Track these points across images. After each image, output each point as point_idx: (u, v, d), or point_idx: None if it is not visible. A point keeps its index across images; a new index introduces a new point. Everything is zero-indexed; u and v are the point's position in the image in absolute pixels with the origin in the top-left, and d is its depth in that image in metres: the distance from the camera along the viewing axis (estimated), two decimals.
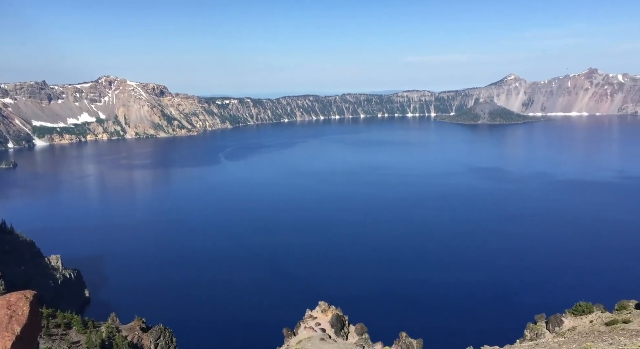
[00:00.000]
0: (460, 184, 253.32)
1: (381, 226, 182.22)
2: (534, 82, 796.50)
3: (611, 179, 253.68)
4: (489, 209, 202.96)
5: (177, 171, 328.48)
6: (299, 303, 74.87)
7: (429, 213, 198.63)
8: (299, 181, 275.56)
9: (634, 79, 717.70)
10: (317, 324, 57.28)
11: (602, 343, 24.03)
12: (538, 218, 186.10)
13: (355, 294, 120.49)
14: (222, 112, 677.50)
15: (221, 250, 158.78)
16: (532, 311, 45.65)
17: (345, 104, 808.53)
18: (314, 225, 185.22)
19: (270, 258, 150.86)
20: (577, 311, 37.25)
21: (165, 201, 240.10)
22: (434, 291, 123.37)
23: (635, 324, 28.76)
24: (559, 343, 28.88)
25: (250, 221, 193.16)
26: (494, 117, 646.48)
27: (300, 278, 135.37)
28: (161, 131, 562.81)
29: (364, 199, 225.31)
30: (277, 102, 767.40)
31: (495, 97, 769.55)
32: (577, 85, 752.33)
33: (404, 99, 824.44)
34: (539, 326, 38.36)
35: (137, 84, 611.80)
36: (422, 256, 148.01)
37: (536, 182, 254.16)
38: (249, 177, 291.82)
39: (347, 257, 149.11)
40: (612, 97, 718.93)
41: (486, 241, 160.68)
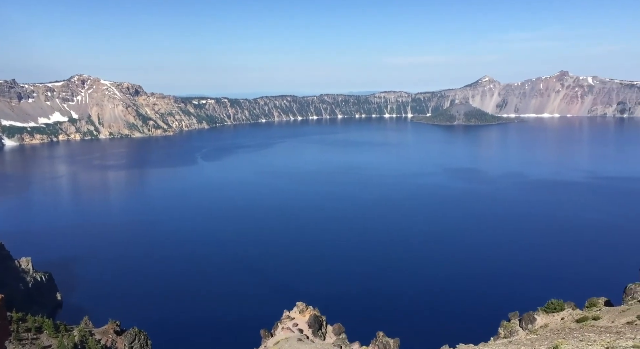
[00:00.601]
0: (436, 185, 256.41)
1: (358, 226, 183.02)
2: (507, 84, 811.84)
3: (581, 179, 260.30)
4: (463, 209, 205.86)
5: (153, 172, 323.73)
6: (277, 304, 74.65)
7: (405, 213, 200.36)
8: (277, 181, 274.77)
9: (603, 82, 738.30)
10: (295, 324, 57.22)
11: (572, 340, 24.61)
12: (511, 218, 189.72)
13: (333, 294, 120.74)
14: (199, 112, 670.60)
15: (197, 251, 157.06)
16: (506, 309, 46.47)
17: (323, 104, 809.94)
18: (291, 225, 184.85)
19: (248, 259, 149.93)
20: (549, 308, 38.08)
21: (141, 202, 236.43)
22: (410, 290, 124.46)
23: (604, 321, 29.54)
24: (532, 340, 29.48)
25: (227, 222, 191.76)
26: (469, 118, 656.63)
27: (278, 278, 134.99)
28: (136, 131, 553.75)
29: (341, 199, 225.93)
30: (255, 102, 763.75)
31: (471, 99, 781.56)
32: (549, 88, 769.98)
33: (381, 99, 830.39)
34: (512, 324, 39.09)
35: (111, 83, 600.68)
36: (398, 256, 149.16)
37: (510, 182, 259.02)
38: (226, 178, 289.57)
39: (325, 257, 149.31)
40: (583, 99, 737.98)
41: (461, 241, 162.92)
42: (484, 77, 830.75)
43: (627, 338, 21.27)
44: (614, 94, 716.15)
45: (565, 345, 21.48)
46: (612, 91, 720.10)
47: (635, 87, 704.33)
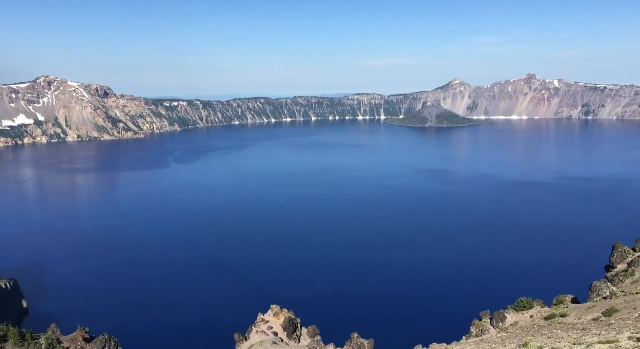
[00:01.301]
0: (409, 186, 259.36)
1: (332, 227, 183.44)
2: (477, 86, 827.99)
3: (548, 180, 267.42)
4: (436, 209, 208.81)
5: (123, 175, 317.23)
6: (251, 307, 74.11)
7: (379, 214, 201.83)
8: (250, 183, 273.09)
9: (568, 85, 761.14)
10: (269, 327, 56.81)
11: (541, 337, 25.20)
12: (482, 218, 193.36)
13: (308, 296, 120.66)
14: (171, 114, 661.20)
15: (169, 255, 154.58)
16: (477, 308, 47.26)
17: (296, 106, 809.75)
18: (264, 228, 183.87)
19: (221, 262, 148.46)
20: (518, 306, 38.87)
21: (110, 206, 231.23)
22: (384, 290, 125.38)
23: (571, 318, 30.35)
24: (502, 337, 30.05)
25: (200, 225, 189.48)
26: (440, 120, 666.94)
27: (252, 281, 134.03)
28: (105, 133, 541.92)
29: (315, 201, 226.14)
30: (228, 104, 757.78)
31: (442, 101, 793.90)
32: (517, 90, 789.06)
33: (355, 101, 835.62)
34: (483, 322, 39.73)
35: (78, 85, 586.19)
36: (372, 257, 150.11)
37: (480, 182, 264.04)
38: (199, 181, 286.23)
39: (299, 259, 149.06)
40: (549, 102, 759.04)
41: (433, 241, 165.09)
42: (455, 80, 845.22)
43: (593, 334, 21.90)
44: (579, 96, 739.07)
45: (534, 342, 21.95)
46: (577, 93, 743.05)
47: (598, 89, 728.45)
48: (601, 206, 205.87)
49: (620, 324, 23.56)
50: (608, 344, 17.32)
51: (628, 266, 43.10)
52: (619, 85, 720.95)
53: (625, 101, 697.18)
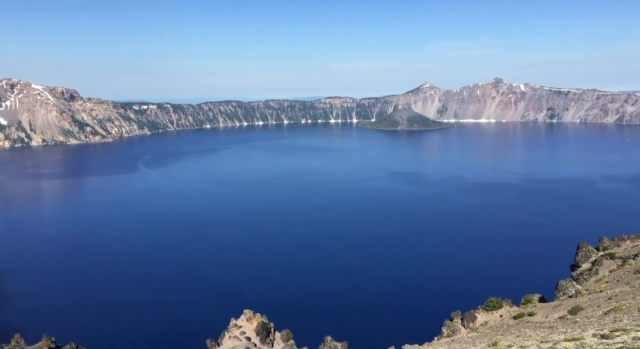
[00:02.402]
0: (381, 188, 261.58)
1: (305, 230, 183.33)
2: (447, 90, 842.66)
3: (516, 182, 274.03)
4: (407, 211, 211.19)
5: (91, 180, 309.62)
6: (224, 312, 73.14)
7: (351, 217, 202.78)
8: (222, 187, 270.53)
9: (534, 89, 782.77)
10: (242, 333, 56.23)
11: (510, 336, 25.72)
12: (452, 220, 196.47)
13: (281, 300, 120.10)
14: (140, 118, 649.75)
15: (139, 262, 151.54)
16: (449, 309, 47.95)
17: (268, 110, 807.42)
18: (237, 232, 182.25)
19: (193, 268, 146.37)
20: (488, 306, 39.58)
21: (77, 211, 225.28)
22: (357, 293, 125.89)
23: (539, 317, 31.09)
24: (473, 337, 30.54)
25: (171, 230, 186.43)
26: (412, 123, 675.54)
27: (225, 286, 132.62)
28: (72, 137, 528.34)
29: (287, 204, 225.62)
30: (199, 107, 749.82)
31: (413, 104, 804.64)
32: (485, 94, 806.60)
33: (327, 105, 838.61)
34: (455, 323, 40.29)
35: (43, 88, 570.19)
36: (344, 259, 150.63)
37: (451, 185, 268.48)
38: (170, 185, 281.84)
39: (272, 263, 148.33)
40: (516, 105, 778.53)
41: (405, 243, 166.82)
42: (425, 84, 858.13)
43: (559, 332, 22.47)
44: (544, 100, 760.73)
45: (503, 341, 22.37)
46: (542, 97, 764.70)
47: (562, 94, 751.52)
48: (566, 206, 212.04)
49: (585, 322, 24.26)
50: (574, 341, 17.79)
51: (592, 265, 44.49)
52: (582, 89, 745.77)
53: (588, 104, 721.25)
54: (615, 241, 50.01)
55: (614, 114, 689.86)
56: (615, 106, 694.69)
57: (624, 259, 41.16)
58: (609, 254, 44.64)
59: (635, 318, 21.51)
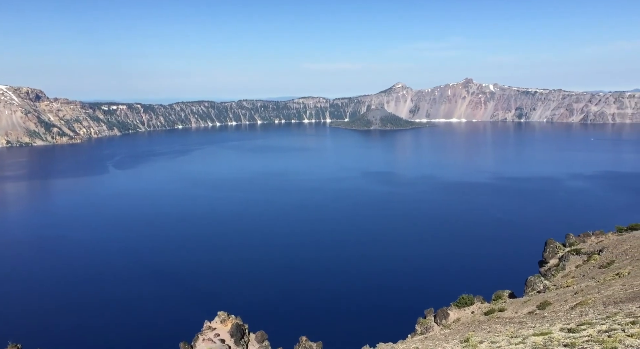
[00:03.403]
0: (355, 188, 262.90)
1: (278, 231, 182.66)
2: (419, 90, 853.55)
3: (486, 180, 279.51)
4: (381, 211, 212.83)
5: (58, 182, 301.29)
6: (197, 315, 72.45)
7: (325, 217, 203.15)
8: (195, 189, 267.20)
9: (503, 89, 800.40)
10: (216, 335, 55.68)
11: (481, 332, 26.20)
12: (425, 218, 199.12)
13: (256, 301, 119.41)
14: (109, 119, 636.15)
15: (110, 265, 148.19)
16: (422, 306, 48.57)
17: (241, 110, 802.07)
18: (210, 233, 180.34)
19: (166, 270, 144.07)
20: (460, 303, 40.26)
21: (44, 215, 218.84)
22: (331, 292, 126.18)
23: (509, 312, 31.78)
24: (445, 334, 30.99)
25: (142, 232, 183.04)
26: (384, 123, 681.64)
27: (198, 288, 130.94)
28: (38, 138, 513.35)
29: (261, 205, 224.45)
30: (170, 108, 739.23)
31: (386, 104, 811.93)
32: (456, 94, 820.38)
33: (300, 105, 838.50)
34: (428, 320, 40.85)
35: (7, 88, 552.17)
36: (318, 259, 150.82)
37: (423, 184, 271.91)
38: (142, 187, 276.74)
39: (246, 264, 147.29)
40: (486, 105, 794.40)
41: (379, 242, 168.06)
42: (398, 84, 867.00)
43: (528, 327, 23.02)
44: (512, 100, 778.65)
45: (475, 337, 22.77)
46: (511, 97, 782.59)
47: (530, 94, 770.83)
48: (534, 204, 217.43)
49: (553, 317, 24.92)
50: (542, 336, 18.24)
51: (559, 260, 45.77)
52: (548, 89, 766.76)
53: (554, 104, 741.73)
54: (581, 237, 51.58)
55: (578, 113, 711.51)
56: (580, 106, 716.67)
57: (589, 255, 42.48)
58: (575, 250, 46.01)
59: (600, 312, 22.21)
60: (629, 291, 26.21)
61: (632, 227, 49.95)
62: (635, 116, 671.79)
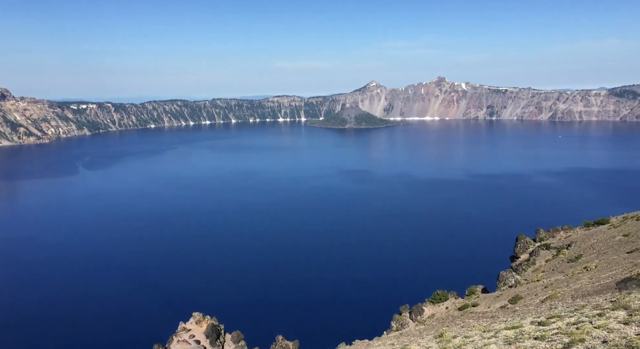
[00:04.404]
0: (330, 186, 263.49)
1: (253, 231, 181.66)
2: (393, 89, 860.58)
3: (459, 177, 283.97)
4: (355, 209, 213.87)
5: (25, 184, 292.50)
6: (172, 316, 71.43)
7: (300, 216, 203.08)
8: (168, 189, 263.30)
9: (474, 87, 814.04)
10: (192, 336, 55.11)
11: (455, 327, 26.57)
12: (400, 215, 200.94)
13: (232, 301, 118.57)
14: (79, 118, 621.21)
15: (80, 268, 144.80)
16: (398, 303, 49.00)
17: (215, 109, 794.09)
18: (184, 234, 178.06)
19: (139, 272, 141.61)
20: (435, 299, 40.77)
21: (10, 217, 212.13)
22: (307, 291, 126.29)
23: (482, 307, 32.33)
24: (420, 330, 31.33)
25: (114, 235, 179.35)
26: (359, 121, 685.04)
27: (173, 290, 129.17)
28: (4, 139, 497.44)
29: (236, 205, 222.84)
30: (142, 107, 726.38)
31: (360, 103, 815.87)
32: (429, 93, 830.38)
33: (275, 104, 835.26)
34: (403, 317, 41.25)
35: None
36: (294, 258, 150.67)
37: (398, 182, 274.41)
38: (113, 188, 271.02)
39: (222, 264, 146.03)
40: (458, 104, 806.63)
41: (355, 241, 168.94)
42: (372, 83, 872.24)
43: (500, 321, 23.45)
44: (484, 98, 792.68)
45: (449, 332, 23.06)
46: (482, 95, 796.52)
47: (500, 92, 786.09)
48: (506, 200, 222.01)
49: (524, 310, 25.46)
50: (513, 329, 18.59)
51: (530, 255, 46.83)
52: (518, 88, 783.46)
53: (524, 102, 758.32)
54: (551, 232, 52.88)
55: (547, 111, 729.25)
56: (549, 104, 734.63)
57: (558, 249, 43.56)
58: (544, 245, 47.12)
59: (569, 305, 22.79)
60: (596, 284, 26.98)
61: (598, 222, 51.47)
62: (600, 114, 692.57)
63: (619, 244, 38.39)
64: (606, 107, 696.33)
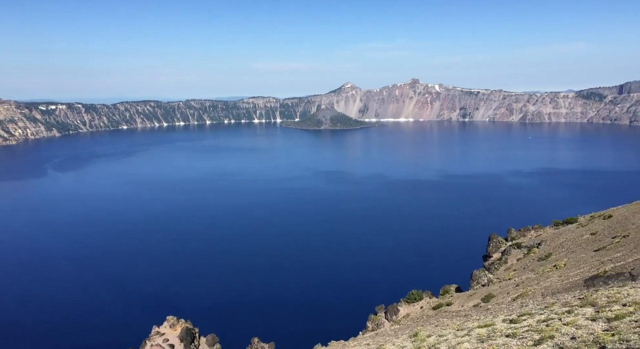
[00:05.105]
0: (306, 188, 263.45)
1: (228, 233, 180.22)
2: (368, 90, 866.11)
3: (433, 178, 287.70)
4: (331, 210, 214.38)
5: None
6: (146, 320, 70.15)
7: (275, 217, 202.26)
8: (142, 191, 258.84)
9: (448, 89, 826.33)
10: (165, 340, 54.30)
11: (429, 326, 26.88)
12: (376, 217, 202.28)
13: (206, 304, 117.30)
14: (48, 119, 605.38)
15: (50, 272, 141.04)
16: (373, 303, 49.30)
17: (190, 110, 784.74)
18: (158, 237, 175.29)
19: (110, 276, 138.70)
20: (410, 299, 41.16)
21: None
22: (283, 292, 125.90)
23: (455, 306, 32.78)
24: (395, 330, 31.58)
25: (85, 238, 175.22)
26: (335, 122, 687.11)
27: (146, 294, 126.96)
28: None
29: (210, 207, 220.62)
30: (114, 107, 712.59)
31: (335, 104, 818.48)
32: (404, 94, 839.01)
33: (250, 105, 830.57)
34: (379, 317, 41.52)
35: None
36: (269, 260, 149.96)
37: (373, 183, 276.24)
38: (84, 190, 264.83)
39: (196, 267, 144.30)
40: (432, 105, 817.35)
41: (330, 242, 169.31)
42: (347, 84, 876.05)
43: (473, 320, 23.82)
44: (457, 100, 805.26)
45: (423, 332, 23.30)
46: (455, 97, 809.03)
47: (473, 94, 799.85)
48: (479, 200, 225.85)
49: (496, 309, 25.93)
50: (486, 327, 18.91)
51: (502, 254, 47.73)
52: (490, 90, 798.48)
53: (496, 104, 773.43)
54: (522, 232, 54.04)
55: (518, 113, 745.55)
56: (519, 106, 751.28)
57: (529, 248, 44.54)
58: (516, 244, 48.10)
59: (539, 303, 23.32)
60: (565, 281, 27.68)
61: (567, 220, 52.85)
62: (568, 116, 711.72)
63: (586, 242, 39.51)
64: (574, 109, 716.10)
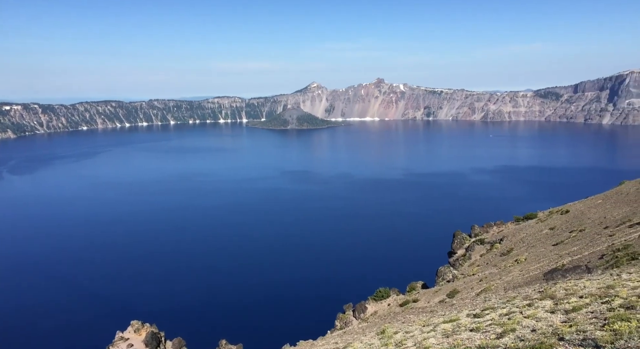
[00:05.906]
0: (273, 188, 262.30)
1: (193, 235, 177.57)
2: (334, 90, 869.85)
3: (398, 177, 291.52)
4: (298, 210, 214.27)
5: None
6: (109, 325, 68.29)
7: (241, 218, 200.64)
8: (104, 193, 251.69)
9: (412, 89, 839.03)
10: (130, 345, 53.04)
11: (396, 323, 27.22)
12: (342, 216, 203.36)
13: (171, 307, 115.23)
14: (2, 120, 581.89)
15: (8, 277, 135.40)
16: (341, 302, 49.55)
17: (153, 110, 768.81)
18: (122, 240, 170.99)
19: (71, 280, 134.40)
20: (377, 296, 41.57)
21: None
22: (250, 294, 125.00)
23: (422, 302, 33.32)
24: (363, 327, 31.84)
25: (45, 241, 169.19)
26: (301, 122, 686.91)
27: (109, 299, 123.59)
28: None
29: (176, 209, 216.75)
30: (73, 108, 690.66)
31: (302, 104, 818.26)
32: (369, 94, 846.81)
33: (215, 105, 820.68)
34: (347, 315, 41.77)
35: None
36: (235, 262, 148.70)
37: (340, 182, 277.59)
38: (43, 193, 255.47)
39: (160, 270, 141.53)
40: (397, 104, 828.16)
41: (298, 242, 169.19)
42: (313, 84, 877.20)
43: (439, 315, 24.27)
44: (421, 99, 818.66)
45: (390, 329, 23.58)
46: (420, 96, 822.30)
47: (436, 93, 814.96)
48: (443, 198, 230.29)
49: (461, 304, 26.49)
50: (451, 322, 19.31)
51: (466, 251, 48.82)
52: (453, 89, 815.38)
53: (458, 103, 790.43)
54: (485, 228, 55.40)
55: (479, 112, 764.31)
56: (481, 105, 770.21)
57: (491, 244, 45.72)
58: (479, 240, 49.29)
59: (502, 297, 23.97)
60: (525, 276, 28.55)
61: (527, 216, 54.53)
62: (527, 114, 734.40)
63: (545, 237, 40.88)
64: (532, 108, 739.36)
